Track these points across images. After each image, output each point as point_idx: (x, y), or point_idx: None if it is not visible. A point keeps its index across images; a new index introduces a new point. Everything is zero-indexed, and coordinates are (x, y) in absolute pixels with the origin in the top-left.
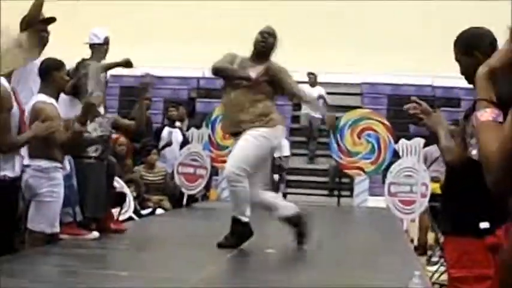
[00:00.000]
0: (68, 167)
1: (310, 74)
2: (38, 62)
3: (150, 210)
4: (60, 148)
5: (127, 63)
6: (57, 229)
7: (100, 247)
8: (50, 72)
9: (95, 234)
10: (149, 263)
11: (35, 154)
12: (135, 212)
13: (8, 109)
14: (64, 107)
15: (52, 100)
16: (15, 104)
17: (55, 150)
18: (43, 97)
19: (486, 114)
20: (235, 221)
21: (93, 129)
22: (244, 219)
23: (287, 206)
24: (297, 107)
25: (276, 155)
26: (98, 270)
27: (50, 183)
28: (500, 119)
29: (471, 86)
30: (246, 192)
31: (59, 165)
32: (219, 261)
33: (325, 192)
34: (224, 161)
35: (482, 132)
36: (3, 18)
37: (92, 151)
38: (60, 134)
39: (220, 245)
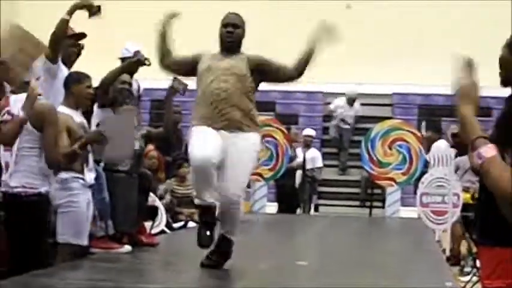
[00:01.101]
0: (91, 179)
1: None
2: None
3: (182, 223)
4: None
5: (138, 61)
6: (84, 241)
7: (132, 261)
8: (70, 85)
9: (127, 247)
10: (182, 276)
11: None
12: (167, 225)
13: (54, 124)
14: (98, 120)
15: (72, 112)
16: None
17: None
18: (63, 109)
19: (489, 150)
20: (225, 240)
21: None
22: (234, 239)
23: None
24: (327, 118)
25: (308, 166)
26: (130, 284)
27: (68, 194)
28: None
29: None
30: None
31: (77, 175)
32: (251, 274)
33: (357, 203)
34: (256, 173)
35: (493, 168)
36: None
37: (123, 165)
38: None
39: (203, 265)
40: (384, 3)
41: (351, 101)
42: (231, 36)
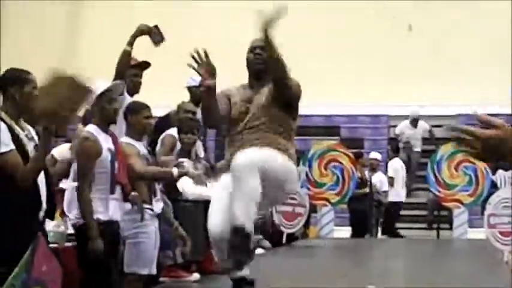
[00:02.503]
0: (159, 208)
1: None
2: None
3: None
4: (148, 189)
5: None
6: (153, 271)
7: None
8: (128, 115)
9: (196, 276)
10: None
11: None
12: None
13: (94, 158)
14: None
15: (134, 142)
16: (108, 148)
17: (141, 190)
18: (126, 139)
19: None
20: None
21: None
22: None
23: None
24: (394, 141)
25: (374, 190)
26: None
27: (136, 225)
28: None
29: None
30: None
31: (145, 205)
32: None
33: (424, 225)
34: (322, 198)
35: None
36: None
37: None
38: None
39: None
40: (444, 22)
41: (414, 122)
42: (260, 58)
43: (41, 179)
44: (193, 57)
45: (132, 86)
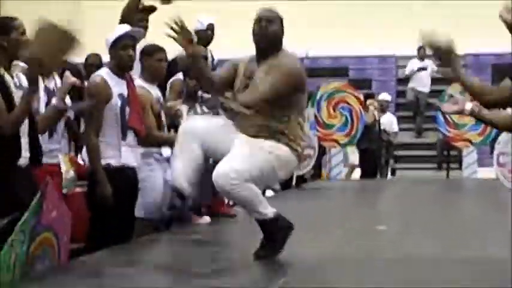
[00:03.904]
0: (168, 153)
1: (420, 48)
2: None
3: None
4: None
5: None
6: (158, 215)
7: (212, 231)
8: (142, 58)
9: (206, 219)
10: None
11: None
12: None
13: (102, 102)
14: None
15: (148, 85)
16: (120, 93)
17: (149, 136)
18: (140, 82)
19: None
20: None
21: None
22: (266, 217)
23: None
24: (402, 81)
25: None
26: (210, 254)
27: (147, 168)
28: None
29: None
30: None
31: (153, 150)
32: (331, 238)
33: (434, 165)
34: (331, 140)
35: None
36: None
37: None
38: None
39: (258, 256)
40: None
41: (422, 53)
42: (265, 32)
43: (23, 127)
44: (171, 28)
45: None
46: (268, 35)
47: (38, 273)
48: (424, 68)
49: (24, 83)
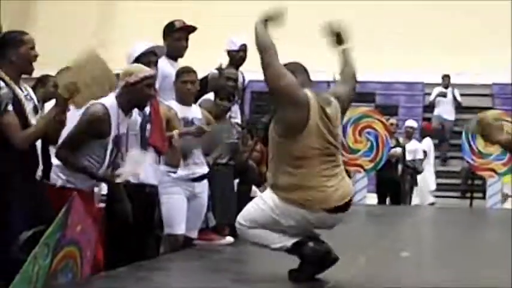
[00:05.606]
0: (194, 172)
1: (444, 76)
2: None
3: None
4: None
5: None
6: (181, 231)
7: (234, 251)
8: (175, 80)
9: (229, 239)
10: (286, 263)
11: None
12: None
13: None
14: None
15: (180, 107)
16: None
17: (169, 154)
18: (173, 104)
19: None
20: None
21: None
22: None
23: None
24: (428, 108)
25: (408, 157)
26: (233, 274)
27: (162, 186)
28: None
29: None
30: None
31: (169, 169)
32: (354, 265)
33: (458, 194)
34: (356, 165)
35: None
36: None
37: (219, 158)
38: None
39: (290, 276)
40: None
41: (446, 82)
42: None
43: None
44: None
45: (177, 49)
46: None
47: (60, 286)
48: (444, 95)
49: (33, 95)
